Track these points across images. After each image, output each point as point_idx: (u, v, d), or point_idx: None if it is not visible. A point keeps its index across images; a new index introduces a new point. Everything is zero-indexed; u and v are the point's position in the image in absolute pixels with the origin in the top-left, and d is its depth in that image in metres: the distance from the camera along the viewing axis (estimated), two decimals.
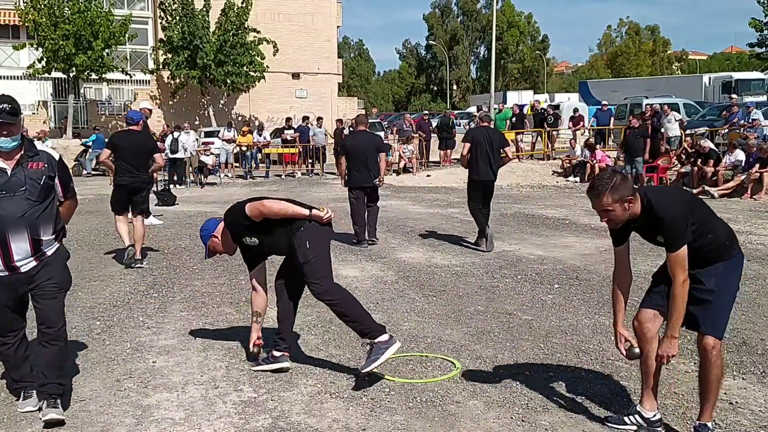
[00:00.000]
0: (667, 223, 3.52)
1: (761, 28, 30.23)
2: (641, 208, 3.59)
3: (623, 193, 3.52)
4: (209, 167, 20.44)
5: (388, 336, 4.65)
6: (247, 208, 4.77)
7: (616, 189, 3.51)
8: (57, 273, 4.14)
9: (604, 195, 3.52)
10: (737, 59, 71.17)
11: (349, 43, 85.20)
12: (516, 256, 8.92)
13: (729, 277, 3.65)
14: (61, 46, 27.66)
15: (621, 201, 3.52)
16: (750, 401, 4.31)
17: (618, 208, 3.54)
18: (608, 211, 3.55)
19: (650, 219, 3.58)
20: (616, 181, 3.52)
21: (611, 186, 3.52)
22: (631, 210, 3.59)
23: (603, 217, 3.61)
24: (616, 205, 3.53)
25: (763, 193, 14.82)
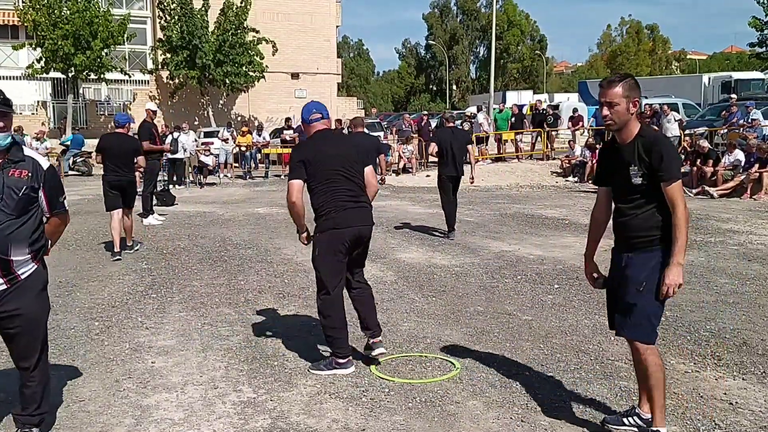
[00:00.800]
0: (666, 150, 3.52)
1: (761, 28, 30.22)
2: (638, 132, 3.61)
3: (633, 93, 3.56)
4: (209, 167, 20.43)
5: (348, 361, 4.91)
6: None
7: (630, 85, 3.56)
8: (29, 303, 3.61)
9: (619, 84, 3.55)
10: (737, 59, 71.20)
11: (348, 43, 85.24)
12: (516, 257, 8.91)
13: (658, 274, 3.56)
14: (60, 46, 27.66)
15: (629, 98, 3.54)
16: (750, 401, 4.30)
17: (623, 104, 3.54)
18: (614, 104, 3.55)
19: (641, 146, 3.56)
20: (631, 80, 3.59)
21: (627, 80, 3.58)
22: (631, 119, 3.58)
23: (606, 110, 3.58)
24: (623, 100, 3.54)
25: (762, 193, 14.82)
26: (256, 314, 6.38)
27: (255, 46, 31.31)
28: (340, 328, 4.90)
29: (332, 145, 4.91)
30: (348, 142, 5.23)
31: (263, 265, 8.55)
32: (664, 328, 5.77)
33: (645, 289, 3.56)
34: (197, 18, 30.38)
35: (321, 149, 4.86)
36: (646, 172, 3.53)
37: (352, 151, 4.99)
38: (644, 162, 3.53)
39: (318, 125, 5.02)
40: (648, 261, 3.58)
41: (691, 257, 8.72)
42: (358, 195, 4.90)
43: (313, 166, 4.80)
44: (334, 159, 4.82)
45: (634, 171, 3.56)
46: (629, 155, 3.59)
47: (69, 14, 28.05)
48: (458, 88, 78.53)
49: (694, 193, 15.60)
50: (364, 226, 4.91)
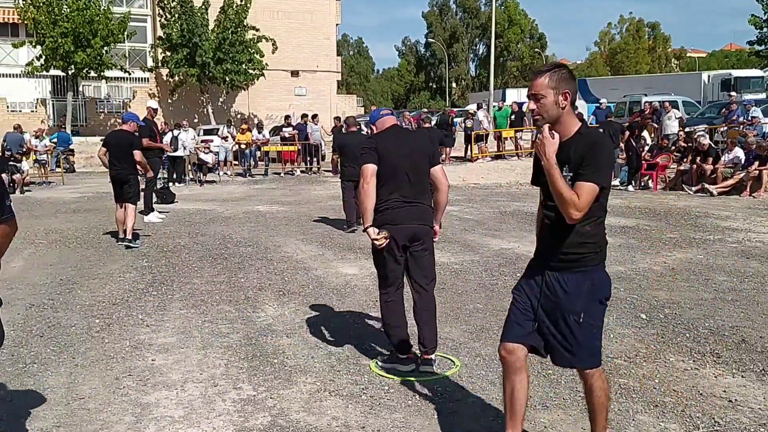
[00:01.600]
0: (604, 153, 3.13)
1: (761, 26, 30.23)
2: (577, 130, 3.20)
3: (563, 84, 3.14)
4: (208, 165, 20.43)
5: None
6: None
7: (560, 76, 3.16)
8: None
9: (545, 75, 3.16)
10: (736, 57, 71.18)
11: (348, 41, 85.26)
12: (515, 254, 8.92)
13: (595, 298, 3.23)
14: (60, 43, 27.66)
15: (557, 90, 3.13)
16: (749, 399, 4.31)
17: (550, 96, 3.13)
18: (539, 96, 3.15)
19: (579, 146, 3.13)
20: (562, 70, 3.20)
21: (555, 70, 3.18)
22: (563, 114, 3.17)
23: (533, 103, 3.19)
24: (550, 92, 3.13)
25: (762, 190, 14.82)
26: (256, 312, 6.39)
27: (255, 44, 31.30)
28: (396, 326, 4.85)
29: (402, 142, 4.84)
30: (417, 140, 5.06)
31: (263, 262, 8.56)
32: (663, 326, 5.79)
33: (584, 321, 3.21)
34: (197, 16, 30.38)
35: (391, 144, 4.80)
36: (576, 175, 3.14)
37: (421, 149, 4.89)
38: (578, 164, 3.11)
39: (388, 120, 4.99)
40: (580, 285, 3.20)
41: (690, 255, 8.73)
42: (418, 195, 4.77)
43: (381, 159, 4.72)
44: (400, 155, 4.74)
45: (566, 173, 3.13)
46: (564, 155, 3.13)
47: (69, 12, 28.06)
48: (458, 85, 78.51)
49: (694, 191, 15.60)
50: (420, 225, 4.77)
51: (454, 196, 15.32)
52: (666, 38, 78.14)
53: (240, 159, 23.07)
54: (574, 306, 3.20)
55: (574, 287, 3.20)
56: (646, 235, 10.13)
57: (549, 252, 3.26)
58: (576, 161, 3.10)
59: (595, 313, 3.25)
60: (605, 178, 3.09)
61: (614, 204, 13.89)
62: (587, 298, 3.20)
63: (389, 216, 4.70)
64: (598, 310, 3.26)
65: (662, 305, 6.42)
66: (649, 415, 4.07)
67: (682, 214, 12.35)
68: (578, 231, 3.14)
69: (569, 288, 3.21)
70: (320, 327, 5.88)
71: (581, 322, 3.21)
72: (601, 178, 3.06)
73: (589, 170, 3.05)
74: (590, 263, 3.20)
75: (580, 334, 3.23)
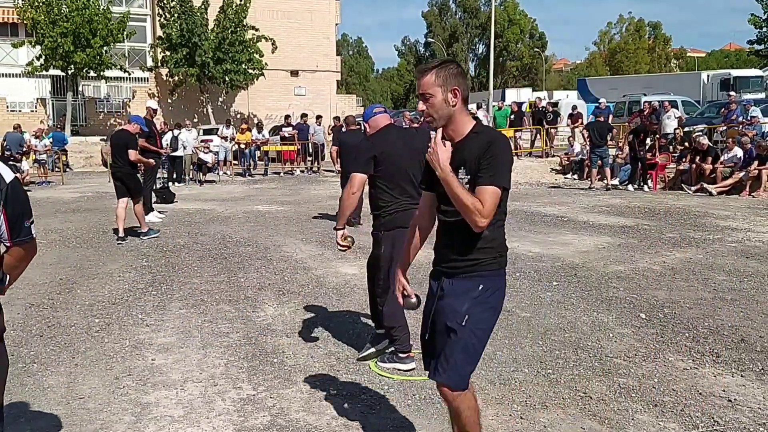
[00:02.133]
0: (496, 149, 2.87)
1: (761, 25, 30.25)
2: (472, 129, 2.97)
3: (452, 81, 2.92)
4: (208, 165, 20.44)
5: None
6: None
7: (448, 73, 2.93)
8: None
9: (431, 72, 2.94)
10: (735, 56, 71.20)
11: (347, 41, 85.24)
12: (514, 254, 8.92)
13: (486, 305, 2.98)
14: (59, 43, 27.65)
15: (445, 87, 2.91)
16: (749, 399, 4.31)
17: (439, 94, 2.91)
18: (427, 96, 2.93)
19: (474, 145, 2.91)
20: (449, 66, 2.97)
21: (441, 67, 2.96)
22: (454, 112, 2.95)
23: (422, 103, 2.97)
24: (438, 90, 2.91)
25: (761, 190, 14.83)
26: (255, 311, 6.39)
27: (254, 44, 31.31)
28: (399, 326, 4.88)
29: (401, 142, 4.82)
30: (415, 138, 5.02)
31: (263, 262, 8.57)
32: (662, 325, 5.79)
33: (467, 325, 2.93)
34: (197, 16, 30.39)
35: (391, 144, 4.78)
36: (473, 178, 2.91)
37: (421, 147, 4.75)
38: (474, 164, 2.90)
39: (382, 119, 4.97)
40: (470, 289, 2.95)
41: (690, 254, 8.74)
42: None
43: (382, 161, 4.71)
44: (403, 156, 4.73)
45: (462, 175, 2.91)
46: (459, 156, 2.93)
47: (68, 12, 28.04)
48: None
49: (693, 191, 15.61)
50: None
51: None
52: (667, 38, 78.18)
53: (240, 159, 23.08)
54: (459, 307, 2.95)
55: (464, 289, 2.97)
56: (646, 235, 10.14)
57: (444, 258, 3.05)
58: (472, 163, 2.89)
59: (481, 320, 2.96)
60: (506, 179, 2.88)
61: (614, 204, 13.90)
62: (476, 301, 2.95)
63: (402, 218, 4.67)
64: (485, 318, 2.98)
65: (661, 305, 6.43)
66: (648, 415, 4.08)
67: (681, 214, 12.36)
68: (475, 235, 2.92)
69: (458, 290, 2.98)
70: (320, 326, 5.89)
71: (464, 325, 2.92)
72: (502, 179, 2.86)
73: (488, 173, 2.84)
74: (487, 269, 2.98)
75: (458, 340, 2.93)
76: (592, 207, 13.44)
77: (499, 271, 3.03)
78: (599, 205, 13.62)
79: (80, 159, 27.15)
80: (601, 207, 13.44)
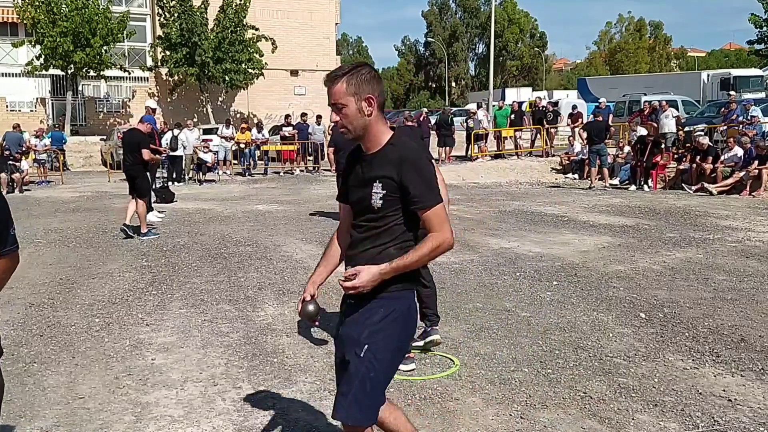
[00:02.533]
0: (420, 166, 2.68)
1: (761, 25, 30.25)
2: (389, 140, 2.75)
3: (365, 88, 2.71)
4: (208, 165, 20.43)
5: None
6: None
7: (360, 79, 2.71)
8: None
9: (342, 80, 2.72)
10: (735, 56, 71.22)
11: (347, 40, 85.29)
12: (514, 253, 8.92)
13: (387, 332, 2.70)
14: (59, 43, 27.63)
15: (359, 96, 2.70)
16: (749, 398, 4.31)
17: (352, 104, 2.70)
18: (340, 105, 2.72)
19: (393, 158, 2.68)
20: (361, 72, 2.74)
21: (352, 73, 2.72)
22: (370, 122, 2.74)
23: (335, 114, 2.76)
24: (351, 99, 2.70)
25: (761, 190, 14.83)
26: (255, 311, 6.39)
27: (254, 44, 31.28)
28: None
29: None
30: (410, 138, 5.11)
31: (263, 262, 8.56)
32: (662, 325, 5.79)
33: (365, 356, 2.66)
34: (196, 15, 30.36)
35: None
36: (389, 193, 2.67)
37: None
38: (391, 179, 2.66)
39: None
40: (371, 315, 2.69)
41: (690, 254, 8.74)
42: None
43: None
44: None
45: (377, 189, 2.68)
46: (374, 168, 2.72)
47: (68, 11, 28.02)
48: (457, 85, 78.50)
49: (694, 190, 15.62)
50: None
51: (453, 196, 15.31)
52: (667, 38, 78.22)
53: (239, 158, 23.08)
54: (358, 335, 2.68)
55: (366, 315, 2.71)
56: (646, 235, 10.14)
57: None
58: (391, 179, 2.65)
59: (382, 349, 2.67)
60: (437, 192, 2.69)
61: (614, 203, 13.90)
62: (376, 329, 2.67)
63: None
64: (386, 347, 2.69)
65: (661, 304, 6.43)
66: (648, 414, 4.08)
67: (681, 214, 12.36)
68: (382, 252, 2.70)
69: (359, 316, 2.73)
70: (320, 326, 5.88)
71: (362, 356, 2.64)
72: (437, 194, 2.68)
73: (422, 194, 2.64)
74: (390, 290, 2.71)
75: (356, 373, 2.65)
76: (592, 207, 13.44)
77: (404, 293, 2.75)
78: (599, 205, 13.62)
79: (80, 159, 27.16)
80: (601, 207, 13.44)
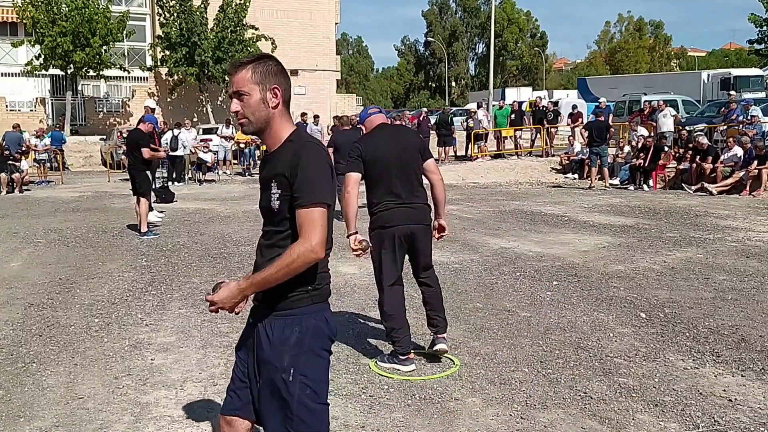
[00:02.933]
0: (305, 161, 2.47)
1: (761, 24, 30.24)
2: (288, 136, 2.58)
3: (271, 79, 2.56)
4: (207, 164, 20.42)
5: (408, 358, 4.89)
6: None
7: (266, 69, 2.56)
8: None
9: (246, 68, 2.55)
10: (736, 56, 71.22)
11: (347, 40, 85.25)
12: (514, 253, 8.92)
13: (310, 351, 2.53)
14: (59, 43, 27.62)
15: (263, 85, 2.54)
16: (749, 398, 4.30)
17: (256, 93, 2.53)
18: (242, 93, 2.54)
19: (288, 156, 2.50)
20: (269, 62, 2.59)
21: (259, 62, 2.58)
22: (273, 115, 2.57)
23: (236, 103, 2.58)
24: (255, 88, 2.53)
25: (761, 189, 14.83)
26: None
27: (254, 43, 31.28)
28: (399, 328, 4.86)
29: (390, 141, 4.85)
30: (405, 136, 5.06)
31: None
32: (662, 325, 5.78)
33: (293, 378, 2.49)
34: (196, 15, 30.36)
35: (379, 144, 4.82)
36: (284, 192, 2.50)
37: (410, 146, 4.90)
38: (284, 176, 2.49)
39: (376, 119, 5.00)
40: (287, 335, 2.53)
41: (690, 254, 8.73)
42: (411, 194, 4.81)
43: (369, 163, 4.76)
44: (390, 156, 4.76)
45: (274, 189, 2.52)
46: (272, 167, 2.56)
47: (68, 11, 28.02)
48: (457, 84, 78.51)
49: (694, 190, 15.62)
50: (416, 225, 4.82)
51: (453, 195, 15.32)
52: (667, 38, 78.25)
53: (239, 158, 23.07)
54: (281, 361, 2.51)
55: (280, 337, 2.53)
56: (646, 234, 10.13)
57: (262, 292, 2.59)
58: (284, 176, 2.49)
59: (311, 367, 2.53)
60: (326, 193, 2.47)
61: (614, 203, 13.90)
62: (296, 350, 2.51)
63: (385, 217, 4.77)
64: (314, 363, 2.54)
65: (662, 304, 6.42)
66: (648, 414, 4.07)
67: (681, 213, 12.35)
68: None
69: (274, 338, 2.55)
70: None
71: (290, 381, 2.49)
72: (322, 194, 2.45)
73: (298, 189, 2.44)
74: (299, 305, 2.54)
75: (290, 398, 2.49)
76: (593, 206, 13.43)
77: (313, 307, 2.56)
78: (599, 205, 13.62)
79: (79, 158, 27.14)
80: (601, 206, 13.43)
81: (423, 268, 5.02)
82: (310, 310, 2.55)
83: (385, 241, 4.78)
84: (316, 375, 2.53)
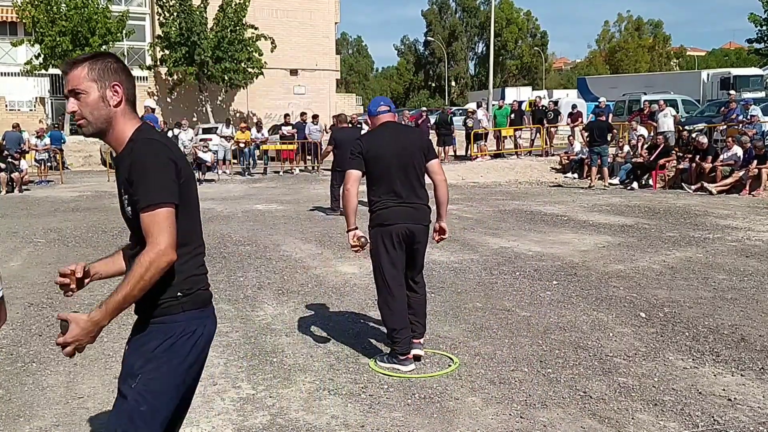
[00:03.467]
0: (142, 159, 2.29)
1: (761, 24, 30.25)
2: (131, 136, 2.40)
3: (110, 76, 2.39)
4: (207, 164, 20.42)
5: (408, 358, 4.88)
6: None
7: (105, 66, 2.39)
8: None
9: (82, 65, 2.38)
10: (735, 55, 71.24)
11: (347, 40, 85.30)
12: (514, 253, 8.92)
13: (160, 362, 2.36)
14: (58, 42, 27.64)
15: (101, 83, 2.37)
16: (749, 398, 4.31)
17: (94, 91, 2.36)
18: (79, 92, 2.37)
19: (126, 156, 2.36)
20: (107, 59, 2.43)
21: (97, 59, 2.42)
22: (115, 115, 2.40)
23: (73, 103, 2.38)
24: (93, 86, 2.36)
25: (761, 189, 14.82)
26: (255, 311, 6.38)
27: (253, 43, 31.28)
28: (401, 329, 4.84)
29: (393, 140, 4.83)
30: (409, 136, 5.03)
31: (262, 261, 8.56)
32: (662, 324, 5.79)
33: (136, 387, 2.34)
34: (196, 14, 30.37)
35: (381, 143, 4.81)
36: (131, 197, 2.34)
37: (413, 146, 4.87)
38: (127, 181, 2.34)
39: (384, 117, 4.98)
40: (146, 342, 2.38)
41: (690, 253, 8.73)
42: (412, 193, 4.80)
43: (369, 161, 4.75)
44: (391, 155, 4.75)
45: (124, 196, 2.39)
46: (119, 172, 2.40)
47: (67, 11, 28.05)
48: (457, 84, 78.52)
49: (693, 190, 15.61)
50: (415, 225, 4.80)
51: (453, 195, 15.26)
52: (666, 37, 78.28)
53: (239, 158, 23.07)
54: (132, 365, 2.36)
55: (140, 342, 2.40)
56: (646, 234, 10.13)
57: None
58: (127, 181, 2.32)
59: (153, 381, 2.34)
60: (166, 193, 2.29)
61: (614, 203, 13.90)
62: (149, 357, 2.35)
63: (385, 215, 4.76)
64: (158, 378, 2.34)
65: (661, 304, 6.42)
66: (648, 414, 4.07)
67: (681, 213, 12.35)
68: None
69: (136, 342, 2.43)
70: (319, 326, 5.88)
71: (132, 388, 2.32)
72: (161, 195, 2.27)
73: (141, 194, 2.27)
74: (166, 313, 2.39)
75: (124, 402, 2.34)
76: (592, 206, 13.43)
77: (181, 316, 2.40)
78: (599, 204, 13.62)
79: (79, 158, 27.13)
80: (601, 206, 13.43)
81: (416, 270, 5.01)
82: (182, 317, 2.40)
83: (384, 240, 4.78)
84: (157, 386, 2.34)
